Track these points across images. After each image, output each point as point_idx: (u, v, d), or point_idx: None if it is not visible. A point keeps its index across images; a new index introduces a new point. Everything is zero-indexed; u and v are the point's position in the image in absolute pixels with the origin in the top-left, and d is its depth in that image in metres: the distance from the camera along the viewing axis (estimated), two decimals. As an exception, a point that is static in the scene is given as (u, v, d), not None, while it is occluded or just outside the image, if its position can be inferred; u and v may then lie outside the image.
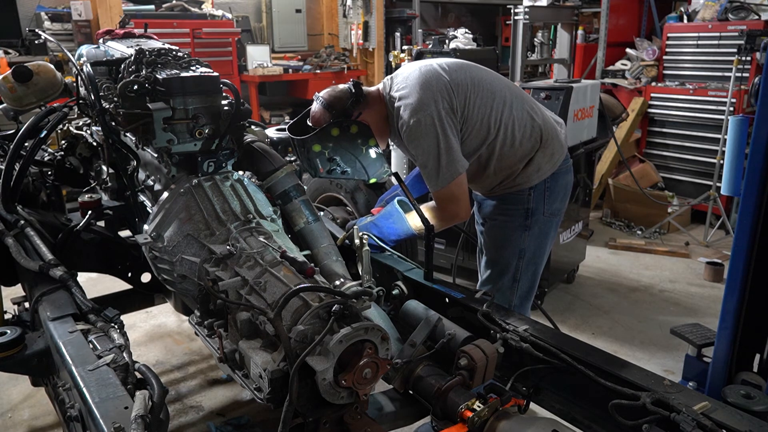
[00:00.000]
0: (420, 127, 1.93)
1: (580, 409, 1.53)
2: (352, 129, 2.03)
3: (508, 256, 2.20)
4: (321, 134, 2.01)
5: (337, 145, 2.04)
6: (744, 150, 3.85)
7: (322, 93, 2.07)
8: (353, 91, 2.02)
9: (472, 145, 2.04)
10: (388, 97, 2.05)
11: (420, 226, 2.04)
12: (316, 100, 2.07)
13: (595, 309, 3.78)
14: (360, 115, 2.04)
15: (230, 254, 1.70)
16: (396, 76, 2.09)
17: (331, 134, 2.02)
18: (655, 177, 5.61)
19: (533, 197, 2.13)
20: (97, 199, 2.42)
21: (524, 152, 2.08)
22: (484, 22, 10.16)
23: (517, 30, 5.10)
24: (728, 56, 4.95)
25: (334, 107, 2.02)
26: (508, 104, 2.04)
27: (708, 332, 2.42)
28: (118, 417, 1.17)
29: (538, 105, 2.19)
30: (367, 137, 2.06)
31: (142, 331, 3.46)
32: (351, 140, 2.05)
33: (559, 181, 2.17)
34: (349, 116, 2.02)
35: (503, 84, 2.11)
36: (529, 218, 2.14)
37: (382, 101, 2.08)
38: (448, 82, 1.98)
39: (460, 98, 1.98)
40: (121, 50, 2.31)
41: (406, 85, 2.00)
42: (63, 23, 5.93)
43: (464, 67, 2.08)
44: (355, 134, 2.04)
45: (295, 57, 7.74)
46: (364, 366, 1.37)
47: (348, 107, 2.02)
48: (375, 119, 2.07)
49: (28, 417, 2.71)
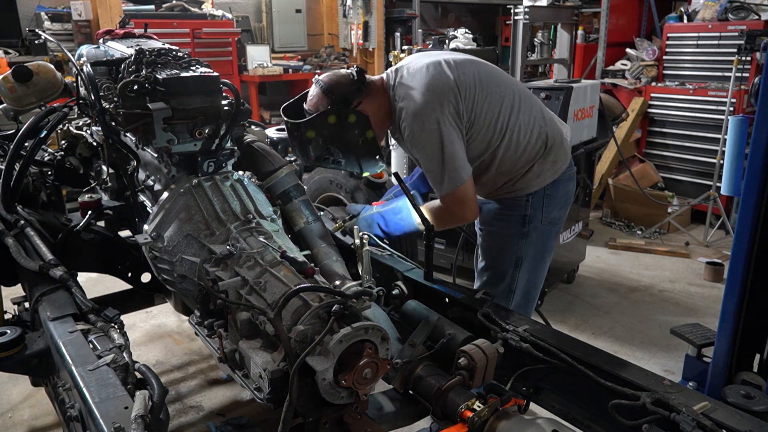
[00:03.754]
0: (424, 132, 1.86)
1: (580, 409, 1.53)
2: (350, 118, 1.91)
3: (505, 264, 2.14)
4: (317, 120, 1.91)
5: (333, 133, 1.93)
6: (744, 150, 3.86)
7: (322, 76, 1.97)
8: (355, 77, 1.93)
9: (477, 150, 1.97)
10: (392, 92, 1.96)
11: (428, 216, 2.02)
12: (315, 83, 1.97)
13: (595, 309, 3.78)
14: (360, 104, 1.93)
15: (230, 254, 1.70)
16: (401, 69, 1.98)
17: (328, 121, 1.91)
18: (655, 177, 5.61)
19: (531, 204, 2.06)
20: (97, 199, 2.42)
21: (527, 158, 2.01)
22: (484, 22, 10.16)
23: (517, 30, 5.09)
24: (728, 56, 4.95)
25: (333, 93, 1.91)
26: (516, 108, 1.97)
27: (708, 332, 2.42)
28: (118, 417, 1.17)
29: (545, 108, 2.11)
30: (365, 128, 1.93)
31: (142, 331, 3.46)
32: (348, 130, 1.93)
33: (560, 189, 2.11)
34: (348, 104, 1.91)
35: (512, 85, 2.03)
36: (527, 225, 2.08)
37: (385, 93, 1.98)
38: (455, 84, 1.89)
39: (468, 102, 1.90)
40: (121, 50, 2.31)
41: (411, 85, 1.91)
42: (63, 23, 5.93)
43: (473, 63, 1.98)
44: (353, 124, 1.92)
45: (295, 57, 7.75)
46: (364, 366, 1.37)
47: (348, 94, 1.91)
48: (375, 110, 1.96)
49: (28, 417, 2.71)
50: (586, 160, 3.90)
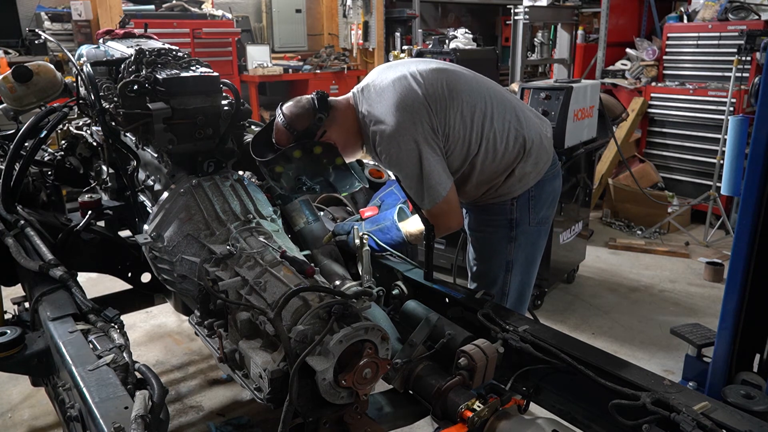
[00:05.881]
0: (401, 152, 1.82)
1: (580, 409, 1.53)
2: (315, 150, 1.86)
3: (495, 269, 2.11)
4: (282, 156, 1.86)
5: (301, 165, 1.88)
6: (744, 150, 3.86)
7: (284, 107, 1.90)
8: (317, 106, 1.87)
9: (455, 165, 1.94)
10: (361, 113, 1.91)
11: (414, 231, 2.03)
12: (278, 115, 1.91)
13: (595, 309, 3.78)
14: (324, 133, 1.88)
15: (230, 254, 1.70)
16: (368, 88, 1.92)
17: (293, 155, 1.86)
18: (655, 177, 5.61)
19: (516, 207, 2.04)
20: (97, 199, 2.42)
21: (507, 164, 1.97)
22: (484, 22, 10.17)
23: (517, 30, 5.10)
24: (728, 56, 4.95)
25: (294, 128, 1.86)
26: (489, 116, 1.92)
27: (708, 332, 2.42)
28: (118, 417, 1.17)
29: (521, 107, 2.06)
30: (333, 156, 1.88)
31: (142, 331, 3.46)
32: (316, 161, 1.88)
33: (545, 188, 2.07)
34: (312, 136, 1.86)
35: (483, 89, 1.96)
36: (514, 229, 2.06)
37: (353, 115, 1.93)
38: (424, 100, 1.84)
39: (440, 116, 1.85)
40: (121, 50, 2.31)
41: (380, 106, 1.86)
42: (63, 23, 5.94)
43: (440, 74, 1.92)
44: (320, 154, 1.87)
45: (295, 57, 7.75)
46: (364, 366, 1.37)
47: (310, 126, 1.86)
48: (343, 135, 1.91)
49: (28, 417, 2.71)
50: (586, 160, 3.90)
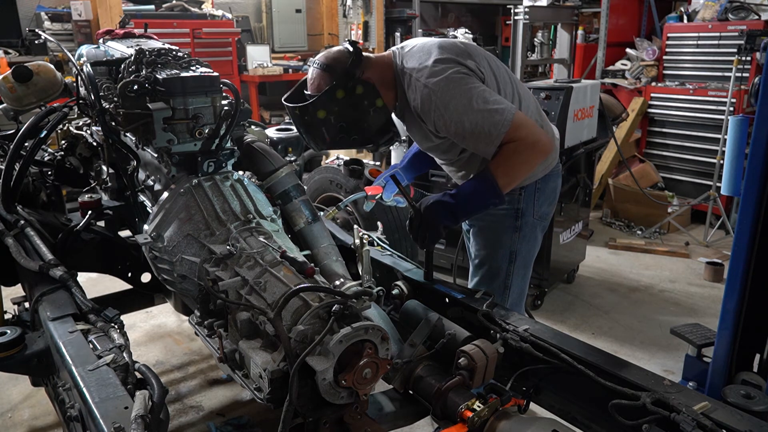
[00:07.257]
0: (450, 84, 1.77)
1: (580, 409, 1.53)
2: (357, 89, 1.85)
3: (499, 259, 2.12)
4: (325, 98, 1.84)
5: (343, 108, 1.86)
6: (744, 150, 3.86)
7: (317, 57, 1.92)
8: (351, 50, 1.88)
9: None
10: (400, 68, 1.90)
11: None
12: (311, 66, 1.92)
13: (595, 309, 3.78)
14: (362, 74, 1.88)
15: (230, 254, 1.70)
16: (408, 46, 1.94)
17: (336, 97, 1.84)
18: (655, 177, 5.61)
19: (523, 197, 2.06)
20: (97, 199, 2.42)
21: None
22: (484, 22, 10.16)
23: (517, 30, 5.10)
24: (728, 56, 4.95)
25: (334, 68, 1.86)
26: (517, 99, 1.95)
27: (708, 332, 2.42)
28: (118, 417, 1.17)
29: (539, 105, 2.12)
30: (374, 97, 1.87)
31: (142, 331, 3.46)
32: (358, 102, 1.87)
33: (550, 183, 2.11)
34: (352, 76, 1.85)
35: (514, 78, 2.03)
36: (519, 219, 2.07)
37: (390, 66, 1.93)
38: (467, 50, 1.87)
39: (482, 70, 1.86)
40: (121, 50, 2.31)
41: (424, 55, 1.85)
42: (63, 23, 5.94)
43: (482, 52, 1.96)
44: (362, 95, 1.86)
45: (295, 57, 7.76)
46: (364, 366, 1.37)
47: (348, 67, 1.85)
48: (379, 79, 1.90)
49: (28, 417, 2.71)
50: (586, 160, 3.89)
